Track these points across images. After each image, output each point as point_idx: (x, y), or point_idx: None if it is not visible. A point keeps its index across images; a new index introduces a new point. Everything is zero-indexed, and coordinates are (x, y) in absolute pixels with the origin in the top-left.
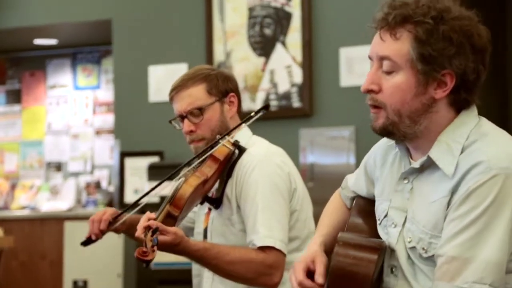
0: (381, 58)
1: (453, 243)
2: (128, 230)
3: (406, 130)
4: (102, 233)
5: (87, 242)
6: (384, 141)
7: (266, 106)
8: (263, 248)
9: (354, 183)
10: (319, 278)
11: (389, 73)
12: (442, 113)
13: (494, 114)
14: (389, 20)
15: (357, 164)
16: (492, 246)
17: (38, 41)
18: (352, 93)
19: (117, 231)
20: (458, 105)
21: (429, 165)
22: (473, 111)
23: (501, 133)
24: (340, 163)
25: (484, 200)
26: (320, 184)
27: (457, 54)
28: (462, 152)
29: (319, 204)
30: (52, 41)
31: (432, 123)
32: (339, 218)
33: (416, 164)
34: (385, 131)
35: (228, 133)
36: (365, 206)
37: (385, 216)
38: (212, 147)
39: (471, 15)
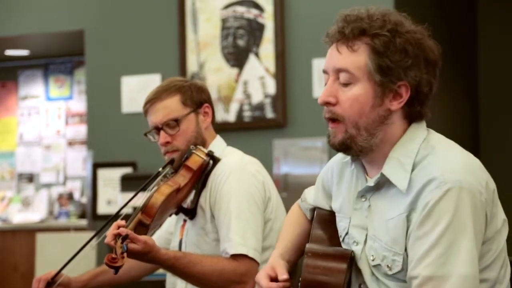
0: (338, 71)
1: (424, 262)
2: (89, 283)
3: (363, 144)
4: None
5: None
6: (340, 157)
7: (171, 161)
8: (235, 257)
9: (314, 198)
10: (283, 275)
11: (346, 85)
12: (397, 125)
13: (466, 131)
14: (346, 33)
15: None
16: (464, 260)
17: (9, 52)
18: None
19: None
20: (412, 117)
21: (384, 182)
22: (422, 124)
23: (450, 145)
24: (313, 174)
25: (445, 215)
26: (294, 194)
27: (412, 66)
28: (414, 167)
29: None
30: (24, 52)
31: (386, 135)
32: (297, 230)
33: (371, 182)
34: (344, 146)
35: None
36: (326, 217)
37: (346, 233)
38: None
39: (421, 30)
